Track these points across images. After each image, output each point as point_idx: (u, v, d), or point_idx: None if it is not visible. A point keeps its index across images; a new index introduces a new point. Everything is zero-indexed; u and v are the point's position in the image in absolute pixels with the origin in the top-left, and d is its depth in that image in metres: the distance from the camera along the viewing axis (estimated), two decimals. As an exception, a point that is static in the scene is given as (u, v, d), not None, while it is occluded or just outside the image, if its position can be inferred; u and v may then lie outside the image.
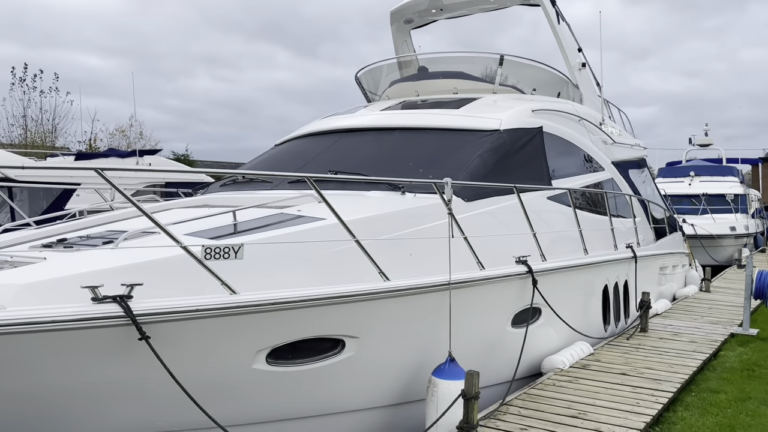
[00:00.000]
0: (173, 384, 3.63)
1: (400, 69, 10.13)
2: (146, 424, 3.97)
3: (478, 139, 7.13)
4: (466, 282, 5.33)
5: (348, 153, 7.25)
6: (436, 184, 5.06)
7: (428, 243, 5.42)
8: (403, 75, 10.02)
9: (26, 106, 30.59)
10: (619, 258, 8.48)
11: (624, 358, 6.92)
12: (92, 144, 33.89)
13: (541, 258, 6.57)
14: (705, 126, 31.54)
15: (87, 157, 18.99)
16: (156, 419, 3.98)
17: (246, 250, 4.46)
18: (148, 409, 3.91)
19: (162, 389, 3.78)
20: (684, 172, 25.87)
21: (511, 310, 6.16)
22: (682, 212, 22.35)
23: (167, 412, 3.95)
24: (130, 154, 19.39)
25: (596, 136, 9.93)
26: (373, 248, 4.97)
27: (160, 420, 3.99)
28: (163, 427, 4.05)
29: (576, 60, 10.10)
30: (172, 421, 4.02)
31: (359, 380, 4.86)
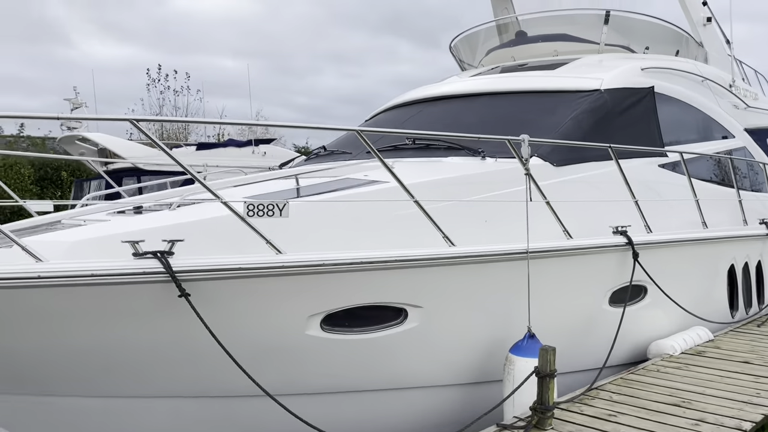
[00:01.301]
0: (219, 347, 3.52)
1: (500, 35, 9.51)
2: (194, 387, 3.91)
3: (575, 100, 6.48)
4: (549, 251, 4.80)
5: (431, 121, 6.90)
6: (510, 141, 4.58)
7: (509, 210, 4.94)
8: (503, 42, 9.44)
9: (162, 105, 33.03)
10: (750, 235, 7.40)
11: (750, 345, 6.00)
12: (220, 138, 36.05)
13: (646, 230, 5.83)
14: None
15: (207, 147, 20.07)
16: (203, 384, 3.91)
17: (302, 212, 4.29)
18: (195, 372, 3.84)
19: (207, 352, 3.68)
20: None
21: (608, 287, 5.51)
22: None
23: (215, 377, 3.86)
24: (246, 144, 20.27)
25: (725, 100, 8.77)
26: (442, 214, 4.61)
27: (207, 385, 3.92)
28: (212, 393, 3.97)
29: (700, 14, 8.97)
30: (221, 388, 3.93)
31: (426, 354, 4.52)
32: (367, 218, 4.44)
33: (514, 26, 9.67)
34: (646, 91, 7.08)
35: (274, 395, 3.82)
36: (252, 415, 4.11)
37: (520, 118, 6.40)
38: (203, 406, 4.06)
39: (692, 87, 8.02)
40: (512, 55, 8.55)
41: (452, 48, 9.49)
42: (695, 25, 8.89)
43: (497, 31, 9.55)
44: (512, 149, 4.61)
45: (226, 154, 19.59)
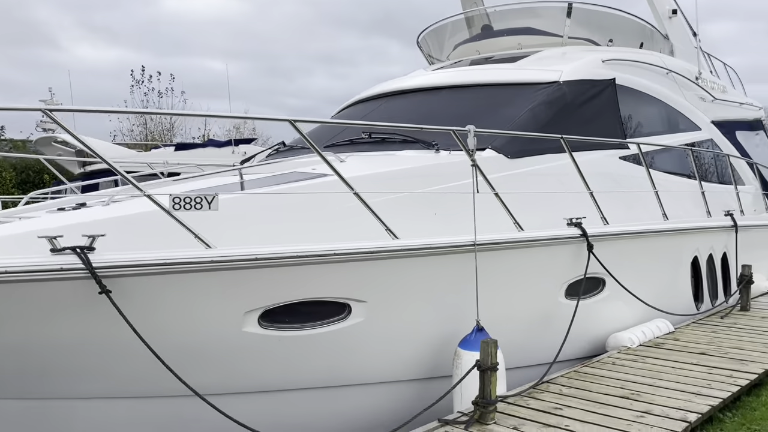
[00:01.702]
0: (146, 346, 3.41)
1: (469, 29, 9.43)
2: (128, 388, 3.80)
3: (533, 92, 6.43)
4: (497, 244, 4.73)
5: (392, 114, 6.81)
6: (455, 132, 4.51)
7: (462, 203, 4.87)
8: (472, 36, 9.38)
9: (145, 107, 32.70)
10: (713, 226, 7.38)
11: (709, 337, 5.96)
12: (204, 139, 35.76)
13: (602, 222, 5.77)
14: None
15: (185, 147, 19.89)
16: (138, 384, 3.80)
17: (241, 206, 4.20)
18: (127, 372, 3.73)
19: (136, 351, 3.57)
20: None
21: (564, 279, 5.45)
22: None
23: (147, 377, 3.74)
24: (226, 144, 20.09)
25: (691, 92, 8.76)
26: (391, 207, 4.53)
27: (141, 385, 3.80)
28: (147, 393, 3.86)
29: (665, 7, 8.96)
30: (154, 388, 3.81)
31: (373, 349, 4.43)
32: (312, 211, 4.36)
33: (481, 20, 9.62)
34: (607, 83, 7.04)
35: (213, 395, 3.72)
36: (190, 416, 4.00)
37: (479, 110, 6.34)
38: (139, 407, 3.95)
39: (656, 79, 8.00)
40: (477, 50, 8.49)
41: (419, 42, 9.42)
42: (661, 18, 8.87)
43: (466, 25, 9.49)
44: (458, 141, 4.54)
45: (205, 154, 19.39)
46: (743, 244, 8.30)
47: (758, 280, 8.78)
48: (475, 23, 9.36)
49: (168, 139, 34.11)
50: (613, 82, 7.11)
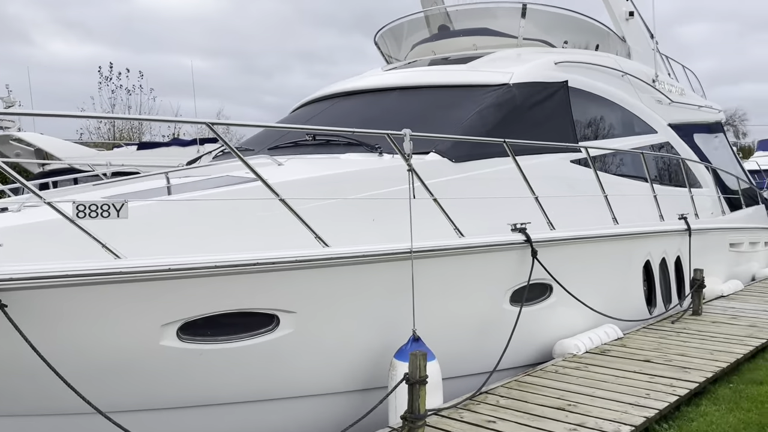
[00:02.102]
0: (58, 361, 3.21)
1: (429, 28, 9.29)
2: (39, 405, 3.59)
3: (482, 95, 6.32)
4: (435, 251, 4.60)
5: (340, 115, 6.67)
6: (390, 136, 4.36)
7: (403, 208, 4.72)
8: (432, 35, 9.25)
9: (113, 104, 32.01)
10: (665, 230, 7.34)
11: (657, 343, 5.91)
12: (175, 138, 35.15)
13: (548, 227, 5.68)
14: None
15: (148, 147, 19.50)
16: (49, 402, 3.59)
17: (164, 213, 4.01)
18: (36, 390, 3.52)
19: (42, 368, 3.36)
20: None
21: (508, 286, 5.34)
22: (786, 188, 20.02)
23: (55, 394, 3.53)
24: (191, 143, 19.72)
25: (648, 95, 8.75)
26: (326, 212, 4.38)
27: (52, 403, 3.60)
28: (59, 411, 3.65)
29: (622, 9, 8.93)
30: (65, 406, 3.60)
31: (304, 361, 4.27)
32: (240, 218, 4.19)
33: (439, 20, 9.50)
34: (560, 86, 6.97)
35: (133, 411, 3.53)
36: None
37: (427, 112, 6.21)
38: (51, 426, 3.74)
39: (611, 82, 7.95)
40: (433, 50, 8.38)
41: (377, 41, 9.26)
42: (617, 20, 8.84)
43: (424, 24, 9.36)
44: (393, 145, 4.39)
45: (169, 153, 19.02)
46: (699, 248, 8.30)
47: (714, 284, 8.82)
48: (432, 23, 9.25)
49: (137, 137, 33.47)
50: (566, 85, 7.03)
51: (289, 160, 5.45)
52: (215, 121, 3.75)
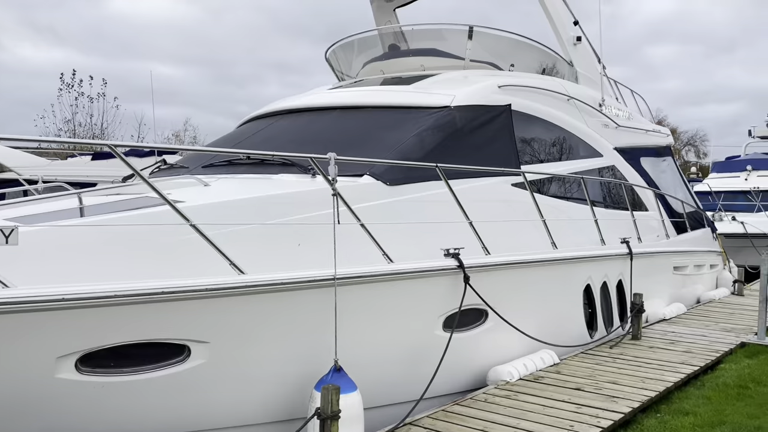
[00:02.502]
0: None
1: (383, 46, 9.24)
2: None
3: (422, 117, 6.27)
4: (362, 277, 4.49)
5: (277, 134, 6.55)
6: (313, 160, 4.26)
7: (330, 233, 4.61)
8: (385, 53, 9.21)
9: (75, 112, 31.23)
10: (605, 254, 7.37)
11: (592, 369, 5.88)
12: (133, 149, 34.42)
13: (483, 252, 5.63)
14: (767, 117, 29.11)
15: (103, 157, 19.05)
16: None
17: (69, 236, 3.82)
18: None
19: None
20: (741, 166, 23.84)
21: (441, 312, 5.26)
22: (737, 209, 20.48)
23: None
24: (149, 153, 19.32)
25: (594, 119, 8.82)
26: (244, 237, 4.24)
27: None
28: None
29: (570, 34, 9.02)
30: None
31: (219, 393, 4.10)
32: (157, 242, 4.02)
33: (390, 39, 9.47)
34: (502, 109, 6.97)
35: None
36: None
37: (365, 133, 6.13)
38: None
39: (557, 105, 8.00)
40: (382, 69, 8.33)
41: (328, 58, 9.18)
42: (565, 45, 8.92)
43: (377, 43, 9.31)
44: (317, 168, 4.29)
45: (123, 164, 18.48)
46: (641, 271, 8.37)
47: (657, 307, 8.90)
48: (385, 42, 9.22)
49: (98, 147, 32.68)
50: (509, 108, 7.04)
51: (218, 180, 5.31)
52: (119, 143, 3.60)
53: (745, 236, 18.18)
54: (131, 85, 46.26)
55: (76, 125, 31.82)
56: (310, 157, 4.26)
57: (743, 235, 18.18)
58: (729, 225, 18.63)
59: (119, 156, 3.60)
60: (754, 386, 5.60)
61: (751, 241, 18.32)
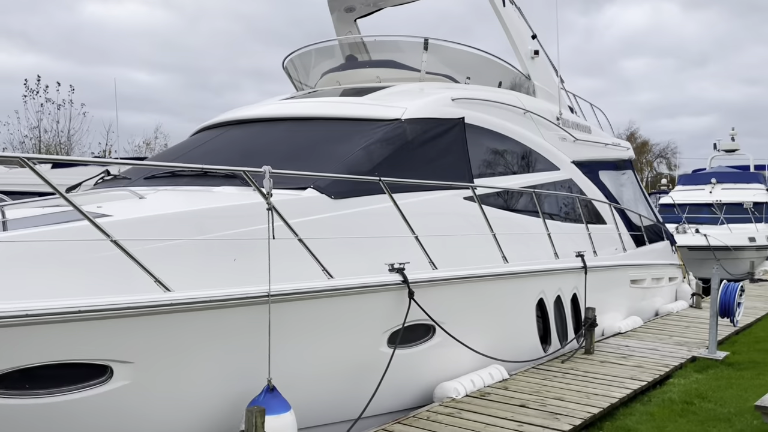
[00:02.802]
0: None
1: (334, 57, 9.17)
2: None
3: (373, 129, 6.21)
4: (298, 294, 4.38)
5: (226, 145, 6.44)
6: (247, 173, 4.16)
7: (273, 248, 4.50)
8: (344, 64, 9.14)
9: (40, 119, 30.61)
10: (559, 268, 7.37)
11: (539, 385, 5.84)
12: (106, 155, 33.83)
13: (430, 266, 5.57)
14: (731, 130, 29.72)
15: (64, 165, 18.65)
16: None
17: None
18: None
19: None
20: (705, 179, 24.25)
21: (385, 328, 5.18)
22: (702, 222, 20.80)
23: None
24: (111, 162, 18.93)
25: (551, 132, 8.86)
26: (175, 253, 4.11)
27: None
28: None
29: (528, 48, 9.07)
30: None
31: (144, 414, 3.95)
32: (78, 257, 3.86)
33: (352, 49, 9.42)
34: (455, 122, 6.94)
35: None
36: None
37: (313, 145, 6.05)
38: None
39: (513, 119, 8.00)
40: (338, 80, 8.27)
41: (285, 67, 9.09)
42: (522, 58, 8.96)
43: (333, 53, 9.24)
44: (250, 182, 4.18)
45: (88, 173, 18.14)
46: (598, 285, 8.39)
47: (613, 320, 8.93)
48: (345, 52, 9.16)
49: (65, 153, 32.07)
50: (462, 121, 7.01)
51: (157, 192, 5.17)
52: (32, 156, 3.46)
53: (707, 248, 18.47)
54: (105, 91, 45.76)
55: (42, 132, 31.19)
56: (243, 170, 4.16)
57: (706, 248, 18.47)
58: (692, 237, 18.93)
59: (32, 169, 3.45)
60: (699, 402, 5.60)
61: (714, 254, 18.63)
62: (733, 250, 18.78)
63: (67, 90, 30.89)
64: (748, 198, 21.71)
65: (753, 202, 21.13)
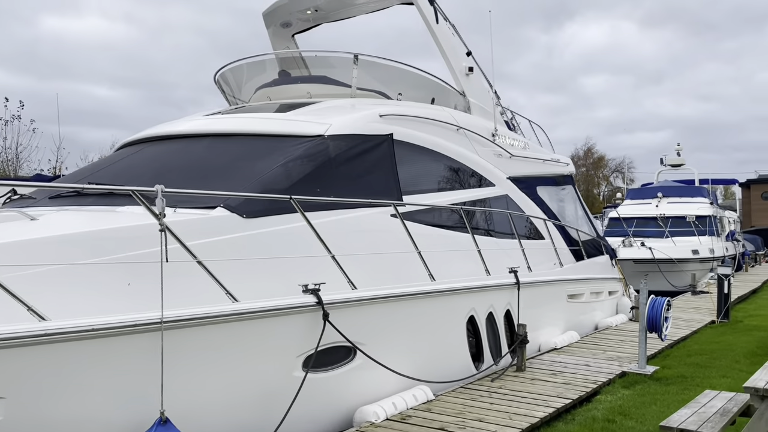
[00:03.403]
0: None
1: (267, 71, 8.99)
2: None
3: (294, 146, 6.06)
4: (194, 319, 4.18)
5: (141, 162, 6.20)
6: (136, 193, 3.96)
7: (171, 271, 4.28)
8: (276, 79, 8.99)
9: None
10: (490, 285, 7.31)
11: (464, 406, 5.73)
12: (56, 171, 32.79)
13: (350, 286, 5.42)
14: (677, 145, 30.57)
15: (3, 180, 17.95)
16: None
17: None
18: None
19: None
20: (652, 193, 24.81)
21: (299, 351, 5.00)
22: (648, 235, 21.19)
23: None
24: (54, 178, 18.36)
25: (486, 149, 8.86)
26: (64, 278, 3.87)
27: None
28: None
29: (462, 64, 9.07)
30: None
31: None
32: None
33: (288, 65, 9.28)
34: (383, 138, 6.85)
35: None
36: None
37: (231, 163, 5.87)
38: None
39: (445, 135, 7.96)
40: (269, 95, 8.12)
41: (217, 80, 8.89)
42: (457, 75, 8.96)
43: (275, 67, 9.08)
44: (140, 201, 3.98)
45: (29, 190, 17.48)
46: (533, 300, 8.38)
47: (550, 335, 8.93)
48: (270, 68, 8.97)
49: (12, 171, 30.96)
50: (390, 137, 6.93)
51: (58, 213, 4.92)
52: None
53: (652, 261, 18.82)
54: (64, 106, 44.63)
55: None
56: (133, 190, 3.96)
57: (650, 260, 18.82)
58: (637, 251, 19.28)
59: None
60: (621, 419, 5.57)
61: (658, 266, 18.99)
62: (677, 262, 19.18)
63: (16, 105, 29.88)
64: (691, 211, 22.27)
65: (696, 215, 21.67)
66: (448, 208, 7.22)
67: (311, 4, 9.30)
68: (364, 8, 9.45)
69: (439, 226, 7.28)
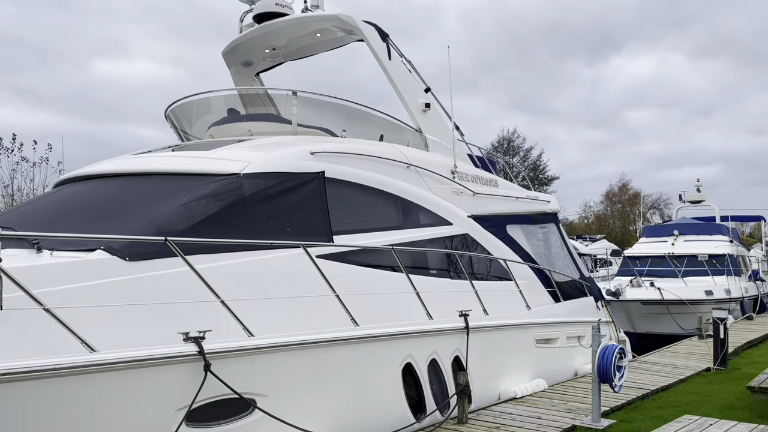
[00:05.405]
0: None
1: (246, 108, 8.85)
2: None
3: (204, 185, 5.85)
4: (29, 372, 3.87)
5: (49, 203, 6.10)
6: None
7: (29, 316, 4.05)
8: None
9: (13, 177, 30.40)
10: (430, 330, 6.88)
11: (375, 465, 5.28)
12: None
13: (246, 334, 5.09)
14: (696, 181, 29.62)
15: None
16: None
17: None
18: None
19: None
20: (668, 231, 23.93)
21: (180, 405, 4.66)
22: (662, 275, 20.31)
23: None
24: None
25: (443, 186, 8.52)
26: None
27: None
28: None
29: (419, 100, 8.83)
30: None
31: None
32: None
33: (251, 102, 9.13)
34: (312, 176, 6.59)
35: None
36: None
37: (134, 202, 5.68)
38: None
39: (392, 172, 7.67)
40: (212, 134, 7.98)
41: (167, 115, 8.80)
42: (412, 111, 8.71)
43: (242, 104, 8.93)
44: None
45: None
46: (492, 346, 7.91)
47: (510, 383, 8.38)
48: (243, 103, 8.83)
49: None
50: (321, 175, 6.67)
51: None
52: None
53: (660, 302, 17.94)
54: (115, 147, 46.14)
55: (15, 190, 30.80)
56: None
57: (659, 302, 17.95)
58: (645, 291, 18.42)
59: None
60: (542, 483, 5.04)
61: (667, 308, 18.08)
62: (688, 304, 18.23)
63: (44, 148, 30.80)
64: (707, 250, 21.31)
65: (708, 254, 20.73)
66: (376, 249, 6.86)
67: (267, 44, 9.22)
68: (319, 47, 9.34)
69: (378, 267, 6.92)
